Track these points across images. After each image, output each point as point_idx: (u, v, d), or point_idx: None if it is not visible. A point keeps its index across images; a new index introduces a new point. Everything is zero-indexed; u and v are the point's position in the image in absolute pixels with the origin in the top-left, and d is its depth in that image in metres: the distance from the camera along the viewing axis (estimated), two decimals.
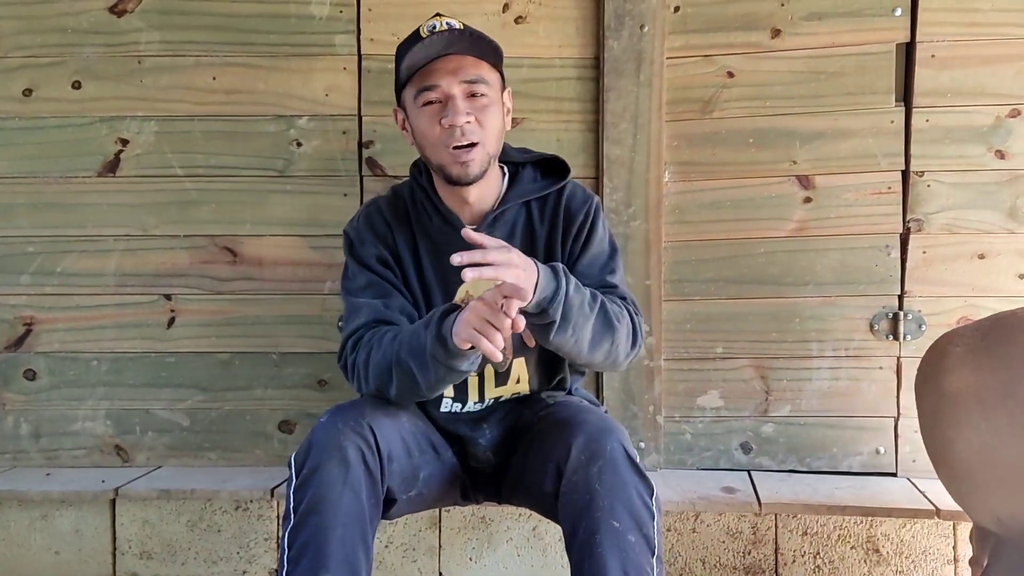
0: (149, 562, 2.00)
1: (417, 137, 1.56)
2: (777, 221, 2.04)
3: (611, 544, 1.32)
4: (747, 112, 2.03)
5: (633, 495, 1.36)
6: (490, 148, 1.52)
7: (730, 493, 1.91)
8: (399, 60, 1.53)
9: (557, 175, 1.62)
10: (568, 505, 1.38)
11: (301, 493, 1.38)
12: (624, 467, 1.37)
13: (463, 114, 1.48)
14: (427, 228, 1.60)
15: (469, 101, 1.49)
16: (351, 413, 1.44)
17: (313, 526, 1.35)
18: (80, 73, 2.10)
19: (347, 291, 1.60)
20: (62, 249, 2.12)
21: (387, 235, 1.61)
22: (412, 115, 1.54)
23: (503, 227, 1.58)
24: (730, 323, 2.06)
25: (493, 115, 1.52)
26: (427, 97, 1.50)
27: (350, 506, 1.36)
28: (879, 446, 2.03)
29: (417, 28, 1.51)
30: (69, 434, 2.14)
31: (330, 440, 1.39)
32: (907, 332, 2.00)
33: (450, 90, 1.49)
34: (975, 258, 2.00)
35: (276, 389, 2.12)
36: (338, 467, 1.37)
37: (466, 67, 1.49)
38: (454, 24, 1.48)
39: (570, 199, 1.60)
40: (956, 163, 1.99)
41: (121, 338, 2.13)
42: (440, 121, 1.49)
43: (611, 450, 1.37)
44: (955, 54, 1.98)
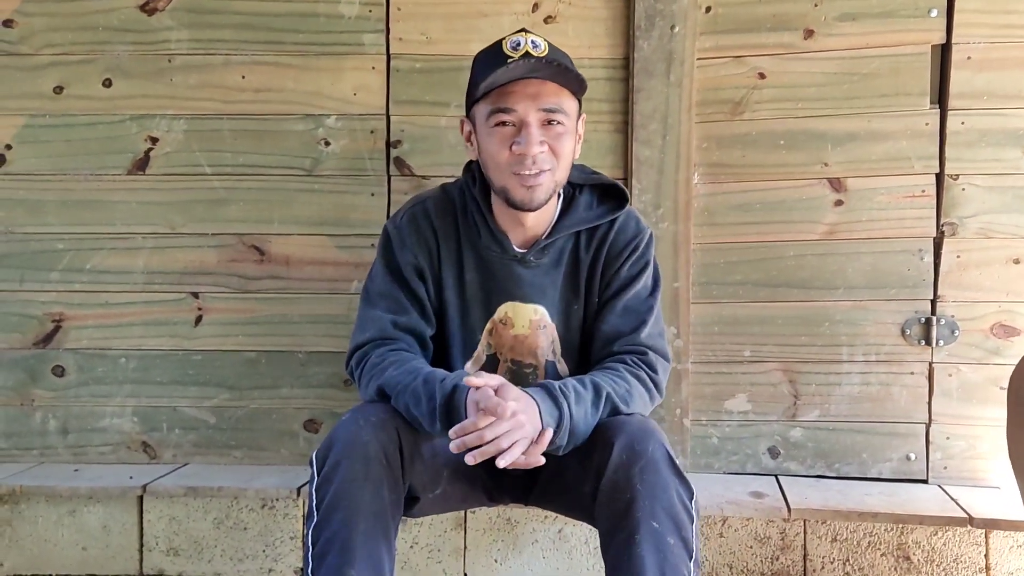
0: (176, 559, 2.01)
1: (483, 155, 1.51)
2: (808, 224, 2.02)
3: (650, 545, 1.31)
4: (778, 114, 2.01)
5: (674, 497, 1.35)
6: (558, 176, 1.49)
7: (758, 498, 1.89)
8: (475, 71, 1.49)
9: (614, 201, 1.58)
10: (607, 504, 1.37)
11: (324, 490, 1.38)
12: (665, 468, 1.36)
13: (536, 144, 1.43)
14: (474, 242, 1.56)
15: (544, 129, 1.45)
16: (373, 411, 1.44)
17: (337, 522, 1.35)
18: (111, 71, 2.10)
19: (366, 292, 1.59)
20: (91, 246, 2.13)
21: (431, 241, 1.56)
22: (481, 132, 1.49)
23: (552, 254, 1.55)
24: (758, 326, 2.04)
25: (567, 144, 1.47)
26: (500, 119, 1.45)
27: (372, 502, 1.36)
28: (910, 452, 2.01)
29: (500, 41, 1.46)
30: (97, 430, 2.16)
31: (351, 437, 1.39)
32: (940, 337, 1.98)
33: (526, 116, 1.44)
34: (1010, 263, 1.97)
35: (302, 388, 2.12)
36: (359, 463, 1.37)
37: (546, 94, 1.44)
38: (539, 45, 1.43)
39: (620, 232, 1.56)
40: (991, 166, 1.97)
41: (149, 335, 2.14)
42: (511, 147, 1.44)
43: (653, 451, 1.36)
44: (991, 56, 1.95)
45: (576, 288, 1.56)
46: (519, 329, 1.55)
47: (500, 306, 1.55)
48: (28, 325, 2.14)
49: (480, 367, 1.57)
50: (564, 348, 1.59)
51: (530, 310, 1.54)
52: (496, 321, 1.54)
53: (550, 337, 1.58)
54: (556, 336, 1.58)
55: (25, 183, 2.12)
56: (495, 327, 1.54)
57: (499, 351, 1.57)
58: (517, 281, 1.54)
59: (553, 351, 1.58)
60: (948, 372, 1.99)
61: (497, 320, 1.54)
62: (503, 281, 1.54)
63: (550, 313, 1.57)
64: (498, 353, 1.57)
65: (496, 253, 1.54)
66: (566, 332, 1.58)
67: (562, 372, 1.59)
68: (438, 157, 2.07)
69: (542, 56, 1.42)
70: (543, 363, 1.58)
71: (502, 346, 1.56)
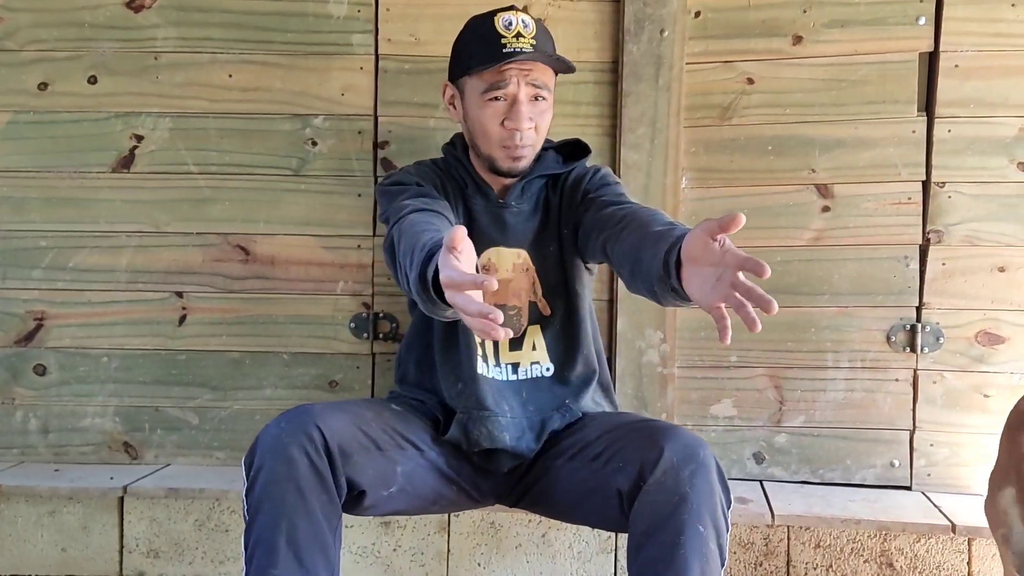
0: (156, 561, 1.99)
1: (470, 123, 1.62)
2: (795, 230, 2.02)
3: (694, 548, 1.32)
4: (766, 119, 2.02)
5: (718, 504, 1.37)
6: (538, 146, 1.63)
7: (742, 504, 1.89)
8: (467, 43, 1.59)
9: (581, 153, 1.73)
10: (653, 503, 1.37)
11: (251, 495, 1.40)
12: (715, 475, 1.38)
13: (527, 120, 1.56)
14: (462, 192, 1.68)
15: (531, 104, 1.57)
16: (296, 414, 1.45)
17: (260, 525, 1.37)
18: (96, 68, 2.09)
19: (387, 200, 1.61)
20: (74, 244, 2.11)
21: (436, 182, 1.67)
22: (471, 103, 1.59)
23: (529, 202, 1.67)
24: (745, 332, 1.96)
25: (548, 119, 1.62)
26: (495, 94, 1.55)
27: (295, 503, 1.37)
28: (894, 459, 2.01)
29: (491, 17, 1.56)
30: (78, 430, 2.14)
31: (272, 440, 1.40)
32: (925, 345, 1.98)
33: (518, 93, 1.55)
34: (995, 271, 1.97)
35: (286, 389, 2.11)
36: (281, 465, 1.38)
37: (536, 72, 1.57)
38: (528, 25, 1.55)
39: (578, 170, 1.70)
40: (978, 174, 1.97)
41: (132, 335, 2.12)
42: (503, 122, 1.56)
43: (704, 457, 1.38)
44: (979, 64, 1.95)
45: (550, 230, 1.67)
46: (503, 273, 1.63)
47: (485, 251, 1.64)
48: (10, 323, 2.12)
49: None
50: (544, 289, 1.67)
51: (513, 254, 1.65)
52: (481, 266, 1.61)
53: (531, 279, 1.66)
54: (536, 278, 1.67)
55: (8, 180, 2.10)
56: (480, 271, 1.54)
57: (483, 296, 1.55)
58: (501, 227, 1.65)
59: (534, 292, 1.67)
60: (932, 379, 1.99)
61: (482, 265, 1.61)
62: (488, 227, 1.65)
63: (531, 256, 1.66)
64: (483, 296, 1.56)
65: (481, 201, 1.66)
66: (545, 273, 1.67)
67: (543, 312, 1.67)
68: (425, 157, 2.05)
69: (532, 39, 1.54)
70: (526, 304, 1.66)
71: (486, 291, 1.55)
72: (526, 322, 1.65)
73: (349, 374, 2.09)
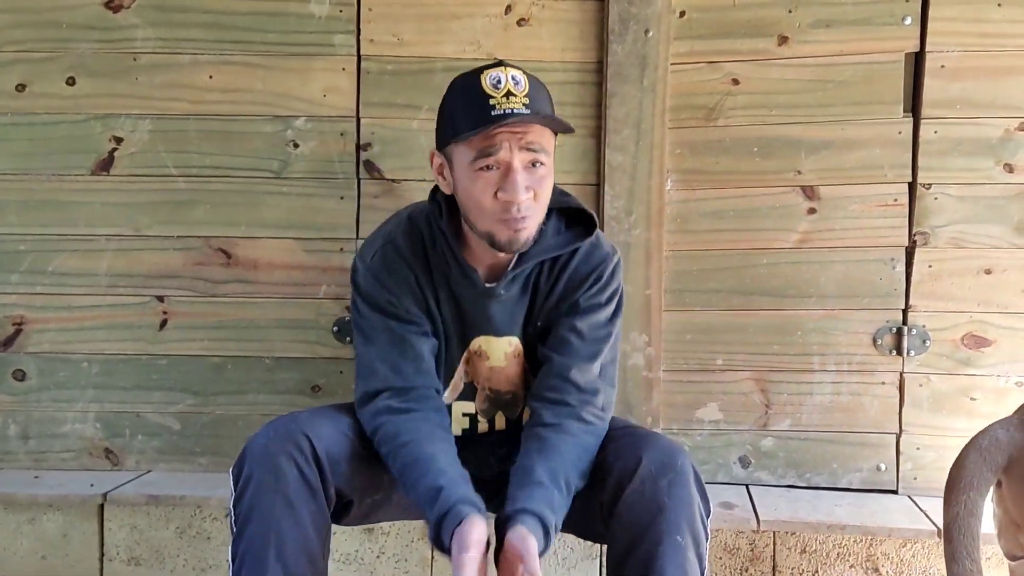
0: (137, 568, 1.97)
1: (462, 196, 1.41)
2: (781, 232, 2.01)
3: (672, 559, 1.31)
4: (752, 120, 2.00)
5: (697, 513, 1.35)
6: (540, 218, 1.42)
7: (728, 509, 1.88)
8: (452, 108, 1.40)
9: (582, 226, 1.50)
10: (630, 514, 1.35)
11: (239, 506, 1.37)
12: (693, 484, 1.36)
13: (523, 190, 1.35)
14: (446, 275, 1.49)
15: (528, 172, 1.36)
16: (284, 423, 1.41)
17: (248, 536, 1.34)
18: (74, 69, 2.06)
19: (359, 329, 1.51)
20: (53, 248, 2.09)
21: (409, 278, 1.48)
22: (461, 174, 1.39)
23: (519, 284, 1.50)
24: (731, 335, 2.03)
25: (548, 186, 1.40)
26: (485, 163, 1.35)
27: (283, 513, 1.34)
28: (880, 463, 2.00)
29: (478, 76, 1.36)
30: (58, 436, 2.11)
31: (261, 450, 1.37)
32: (911, 347, 1.97)
33: (512, 160, 1.35)
34: (981, 273, 1.96)
35: (269, 394, 2.09)
36: (269, 476, 1.35)
37: (532, 134, 1.36)
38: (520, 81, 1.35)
39: (582, 262, 1.49)
40: (964, 176, 1.96)
41: (112, 339, 2.09)
42: (496, 193, 1.36)
43: (682, 465, 1.36)
44: (965, 65, 1.94)
45: (538, 312, 1.52)
46: (495, 361, 1.52)
47: (474, 339, 1.51)
48: None
49: (458, 395, 1.55)
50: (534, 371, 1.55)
51: (504, 343, 1.51)
52: (472, 352, 1.51)
53: (523, 365, 1.55)
54: (527, 365, 1.55)
55: None
56: (471, 357, 1.51)
57: (476, 380, 1.54)
58: (488, 316, 1.49)
59: (529, 376, 1.55)
60: (919, 382, 1.98)
61: (472, 351, 1.51)
62: (475, 316, 1.50)
63: (523, 342, 1.53)
64: (475, 381, 1.54)
65: (467, 288, 1.48)
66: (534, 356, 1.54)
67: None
68: (409, 160, 2.04)
69: (525, 98, 1.34)
70: (521, 386, 1.56)
71: (479, 375, 1.54)
72: (522, 403, 1.57)
73: (332, 379, 2.07)
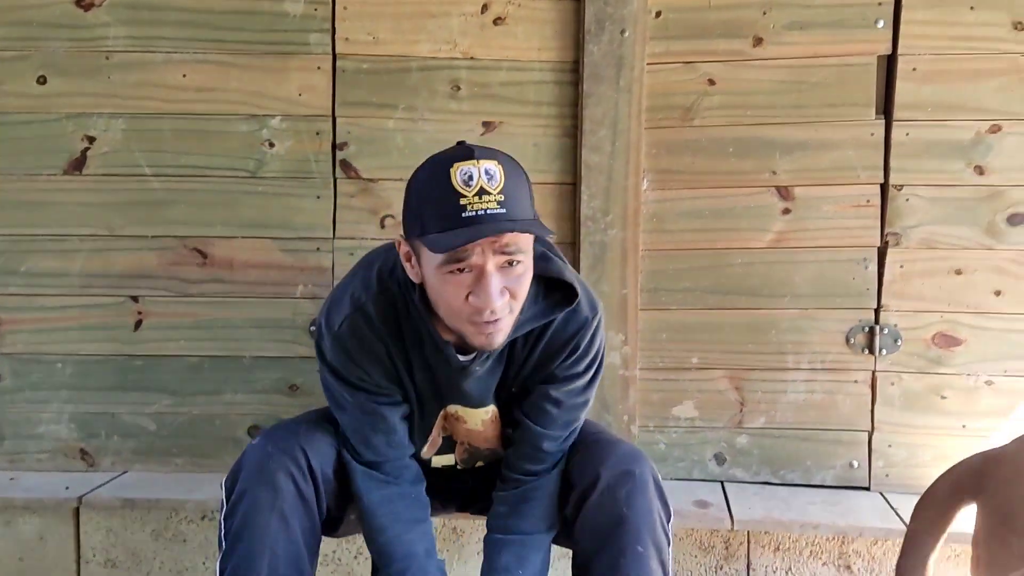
0: (114, 571, 1.97)
1: (431, 292, 1.29)
2: (756, 232, 2.02)
3: (635, 569, 1.33)
4: (727, 121, 2.01)
5: (657, 521, 1.37)
6: (517, 312, 1.30)
7: (703, 508, 1.90)
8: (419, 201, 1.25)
9: (560, 294, 1.38)
10: (592, 526, 1.37)
11: (230, 520, 1.36)
12: (653, 492, 1.38)
13: (497, 296, 1.23)
14: (422, 348, 1.40)
15: (503, 273, 1.23)
16: (283, 435, 1.41)
17: (240, 554, 1.34)
18: (46, 68, 2.03)
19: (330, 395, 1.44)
20: (26, 248, 2.07)
21: (379, 350, 1.39)
22: (429, 271, 1.26)
23: (493, 356, 1.41)
24: (706, 333, 2.04)
25: (526, 283, 1.28)
26: (455, 267, 1.22)
27: (279, 532, 1.34)
28: (853, 460, 2.03)
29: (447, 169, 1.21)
30: (33, 437, 2.10)
31: (259, 465, 1.36)
32: (883, 347, 1.99)
33: (484, 264, 1.22)
34: (952, 274, 1.98)
35: (246, 394, 2.08)
36: (266, 492, 1.34)
37: (507, 237, 1.22)
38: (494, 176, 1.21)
39: (559, 331, 1.40)
40: (935, 178, 1.97)
41: (87, 340, 2.08)
42: (468, 297, 1.24)
43: (640, 474, 1.37)
44: (937, 68, 1.95)
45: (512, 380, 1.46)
46: (472, 426, 1.50)
47: (452, 405, 1.47)
48: None
49: (436, 450, 1.54)
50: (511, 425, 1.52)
51: (481, 412, 1.48)
52: (449, 414, 1.48)
53: (499, 427, 1.52)
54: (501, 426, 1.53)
55: None
56: (448, 417, 1.50)
57: (455, 436, 1.53)
58: (463, 390, 1.44)
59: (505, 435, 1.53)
60: (891, 381, 2.01)
61: (450, 414, 1.48)
62: (449, 389, 1.44)
63: (499, 407, 1.49)
64: (453, 436, 1.53)
65: (441, 362, 1.40)
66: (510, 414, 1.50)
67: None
68: (385, 160, 2.04)
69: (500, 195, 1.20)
70: (500, 447, 1.53)
71: (457, 433, 1.53)
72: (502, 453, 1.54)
73: (310, 377, 2.07)
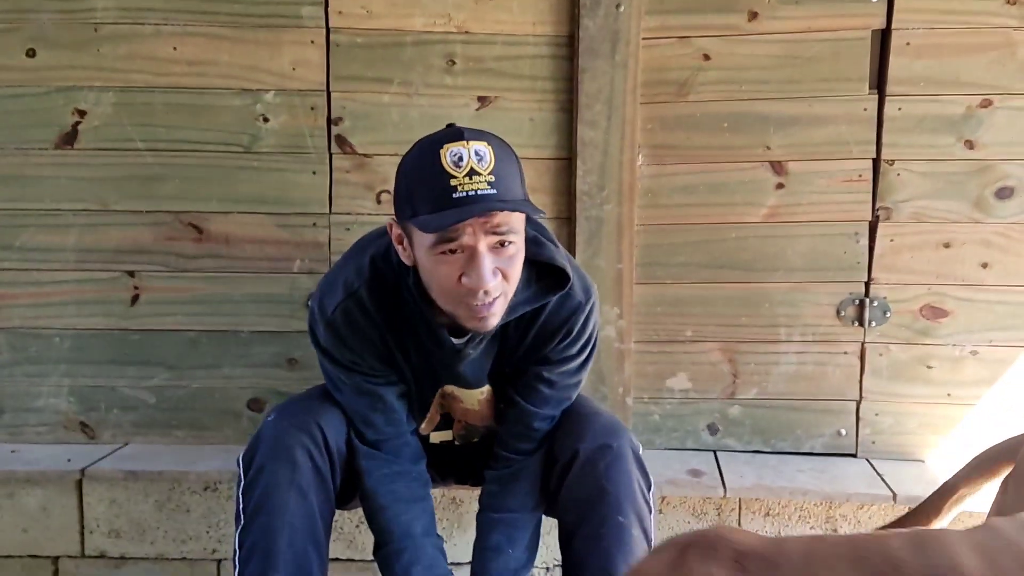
0: (118, 540, 2.00)
1: (424, 274, 1.32)
2: (749, 206, 2.04)
3: (616, 538, 1.37)
4: (722, 96, 2.01)
5: (637, 491, 1.42)
6: (510, 294, 1.33)
7: (696, 476, 1.95)
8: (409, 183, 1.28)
9: (552, 278, 1.41)
10: (573, 498, 1.42)
11: (249, 494, 1.41)
12: (631, 463, 1.43)
13: (490, 276, 1.25)
14: (416, 330, 1.43)
15: (495, 253, 1.25)
16: (299, 411, 1.45)
17: (260, 528, 1.38)
18: (35, 40, 2.00)
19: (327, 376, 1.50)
20: (19, 223, 2.06)
21: (372, 335, 1.42)
22: (421, 253, 1.29)
23: (486, 337, 1.44)
24: (700, 307, 2.07)
25: (519, 263, 1.30)
26: (447, 247, 1.25)
27: (297, 507, 1.39)
28: (841, 428, 2.08)
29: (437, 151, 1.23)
30: (33, 410, 2.11)
31: (277, 441, 1.40)
32: (872, 319, 2.03)
33: (476, 244, 1.24)
34: (940, 247, 2.02)
35: (245, 367, 2.10)
36: (285, 468, 1.39)
37: (497, 216, 1.24)
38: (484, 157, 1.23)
39: (552, 315, 1.43)
40: (926, 152, 2.00)
41: (84, 315, 2.08)
42: (460, 278, 1.26)
43: (619, 447, 1.42)
44: (930, 42, 1.96)
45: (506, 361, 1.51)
46: (468, 405, 1.54)
47: (447, 385, 1.52)
48: None
49: (435, 427, 1.58)
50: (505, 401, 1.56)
51: (476, 392, 1.52)
52: (445, 392, 1.52)
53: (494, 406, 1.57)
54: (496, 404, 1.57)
55: None
56: (445, 397, 1.54)
57: (452, 413, 1.57)
58: (458, 373, 1.48)
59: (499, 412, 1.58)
60: (879, 352, 2.05)
61: (446, 393, 1.52)
62: (444, 370, 1.49)
63: (494, 386, 1.54)
64: (451, 414, 1.57)
65: (435, 345, 1.43)
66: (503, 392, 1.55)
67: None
68: (381, 135, 2.03)
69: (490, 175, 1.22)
70: (494, 424, 1.58)
71: (454, 411, 1.57)
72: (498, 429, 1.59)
73: (308, 352, 2.04)
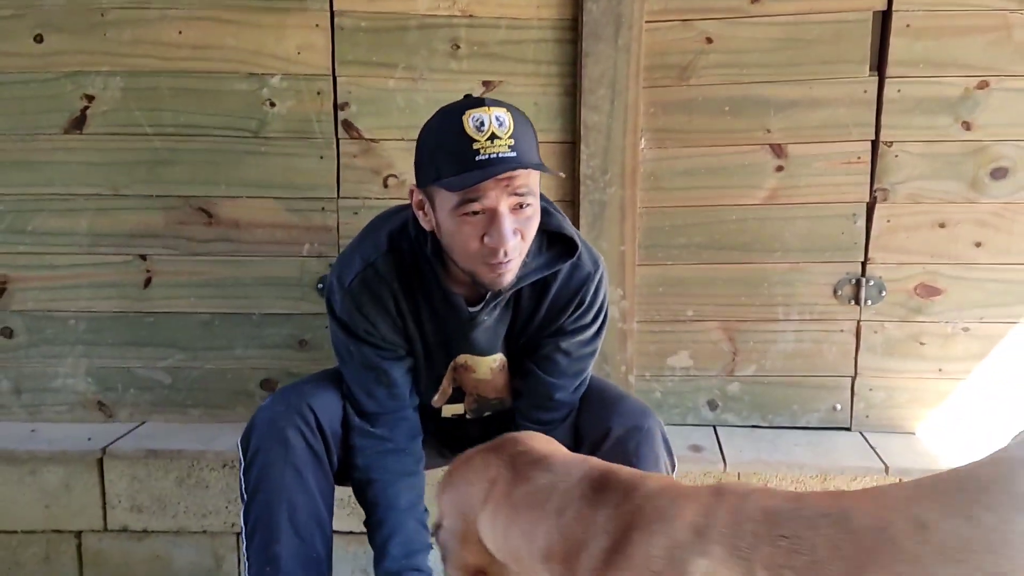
0: (140, 515, 2.07)
1: (445, 236, 1.39)
2: (749, 189, 2.08)
3: None
4: (724, 79, 2.03)
5: (664, 471, 1.49)
6: (524, 253, 1.40)
7: (697, 452, 2.02)
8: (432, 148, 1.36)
9: (563, 246, 1.49)
10: None
11: (248, 475, 1.49)
12: (660, 443, 1.50)
13: (510, 235, 1.32)
14: (431, 298, 1.50)
15: (515, 214, 1.34)
16: (291, 395, 1.52)
17: (260, 504, 1.47)
18: (42, 26, 2.02)
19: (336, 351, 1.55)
20: (32, 208, 2.09)
21: (388, 304, 1.49)
22: (443, 216, 1.36)
23: (500, 305, 1.51)
24: (701, 287, 2.12)
25: (535, 224, 1.38)
26: (471, 208, 1.32)
27: (294, 483, 1.47)
28: (836, 403, 2.15)
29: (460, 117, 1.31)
30: (51, 390, 2.17)
31: (270, 424, 1.48)
32: (868, 297, 2.08)
33: (498, 205, 1.32)
34: (936, 227, 2.06)
35: (257, 349, 2.15)
36: (278, 447, 1.47)
37: (519, 178, 1.32)
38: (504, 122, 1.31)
39: (564, 285, 1.50)
40: (924, 133, 2.03)
41: (98, 297, 2.13)
42: (483, 238, 1.33)
43: (649, 428, 1.49)
44: (929, 24, 1.98)
45: (520, 329, 1.56)
46: (481, 375, 1.59)
47: (460, 355, 1.57)
48: None
49: (447, 400, 1.64)
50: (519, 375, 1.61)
51: (489, 360, 1.58)
52: (458, 364, 1.58)
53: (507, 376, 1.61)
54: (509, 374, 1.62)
55: None
56: (457, 368, 1.59)
57: (464, 387, 1.62)
58: (471, 340, 1.53)
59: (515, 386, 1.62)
60: (874, 329, 2.11)
61: (459, 364, 1.58)
62: (458, 338, 1.54)
63: (507, 355, 1.59)
64: (463, 388, 1.62)
65: (449, 313, 1.50)
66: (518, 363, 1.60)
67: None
68: (387, 120, 2.06)
69: (510, 139, 1.31)
70: (508, 396, 1.64)
71: (466, 383, 1.61)
72: (509, 404, 1.64)
73: (318, 334, 2.14)
